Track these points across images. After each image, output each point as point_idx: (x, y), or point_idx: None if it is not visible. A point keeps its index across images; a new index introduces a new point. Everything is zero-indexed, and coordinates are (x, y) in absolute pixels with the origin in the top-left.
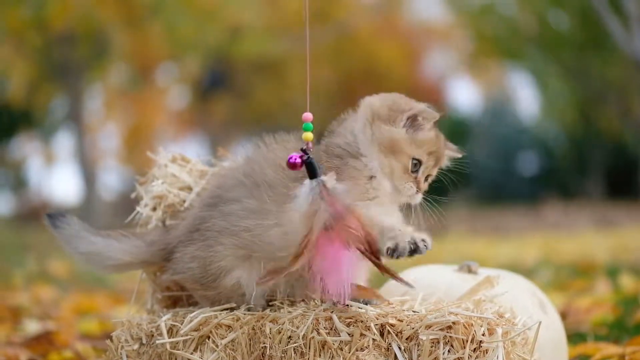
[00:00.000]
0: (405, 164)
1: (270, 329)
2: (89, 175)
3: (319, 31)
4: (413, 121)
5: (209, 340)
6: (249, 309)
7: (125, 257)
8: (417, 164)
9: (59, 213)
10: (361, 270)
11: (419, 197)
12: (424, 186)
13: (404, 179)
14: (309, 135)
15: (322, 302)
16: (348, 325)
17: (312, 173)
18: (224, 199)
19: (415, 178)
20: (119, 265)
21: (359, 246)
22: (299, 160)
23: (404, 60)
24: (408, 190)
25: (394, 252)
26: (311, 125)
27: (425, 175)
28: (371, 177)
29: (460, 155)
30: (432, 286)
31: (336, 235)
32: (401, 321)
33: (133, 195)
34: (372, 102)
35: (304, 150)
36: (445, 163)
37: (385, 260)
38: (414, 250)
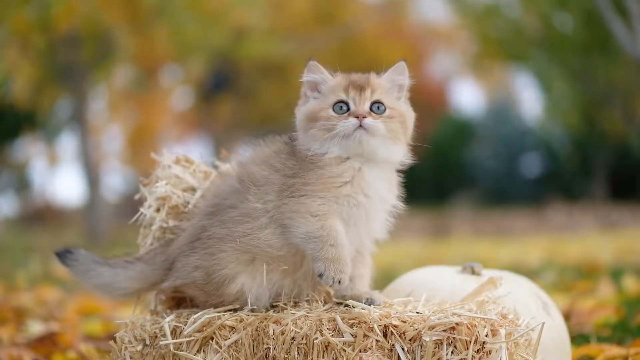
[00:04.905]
0: (326, 115)
1: (273, 330)
2: (92, 176)
3: (325, 34)
4: (313, 87)
5: (212, 341)
6: (252, 310)
7: (133, 285)
8: (342, 104)
9: (66, 250)
10: (365, 269)
11: (369, 122)
12: (362, 111)
13: (335, 122)
14: None
15: (325, 302)
16: (351, 326)
17: None
18: (222, 207)
19: (349, 114)
20: (129, 293)
21: None
22: None
23: (408, 62)
24: (346, 126)
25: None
26: None
27: (366, 102)
28: (342, 160)
29: (402, 65)
30: (436, 287)
31: None
32: (404, 322)
33: (137, 197)
34: (297, 110)
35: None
36: (396, 81)
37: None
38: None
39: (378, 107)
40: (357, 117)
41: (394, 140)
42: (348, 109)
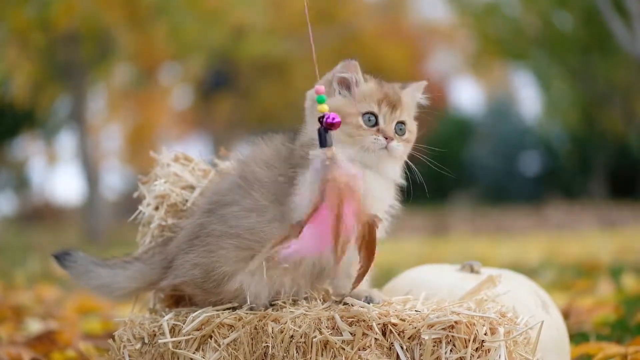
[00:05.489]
0: (355, 122)
1: (272, 328)
2: (91, 175)
3: (324, 32)
4: (344, 84)
5: (211, 339)
6: (251, 309)
7: (132, 284)
8: (371, 116)
9: (64, 252)
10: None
11: (394, 145)
12: (391, 132)
13: (363, 135)
14: (324, 107)
15: (324, 300)
16: (350, 324)
17: (323, 142)
18: (222, 203)
19: (378, 130)
20: (128, 293)
21: (360, 223)
22: (337, 120)
23: (408, 61)
24: (374, 143)
25: None
26: (324, 97)
27: (394, 122)
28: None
29: (424, 84)
30: (435, 286)
31: (342, 207)
32: (403, 320)
33: (135, 195)
34: (309, 92)
35: (320, 120)
36: (415, 99)
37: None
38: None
39: (400, 128)
40: (386, 138)
41: (401, 161)
42: (376, 123)
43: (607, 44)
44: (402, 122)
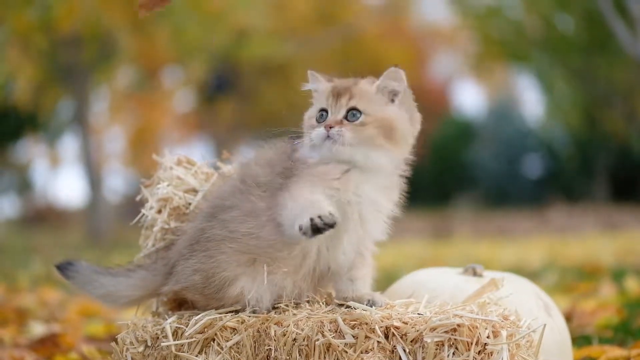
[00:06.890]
0: (310, 123)
1: (275, 331)
2: (94, 177)
3: (326, 34)
4: (314, 94)
5: (214, 342)
6: (254, 312)
7: (135, 292)
8: (323, 112)
9: (67, 262)
10: (367, 270)
11: (334, 131)
12: (332, 121)
13: (312, 130)
14: None
15: (326, 303)
16: (353, 327)
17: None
18: (223, 208)
19: (322, 123)
20: (132, 301)
21: None
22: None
23: (410, 63)
24: (313, 136)
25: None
26: None
27: (341, 110)
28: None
29: (391, 70)
30: (437, 289)
31: None
32: (406, 324)
33: (138, 198)
34: (306, 114)
35: None
36: (385, 86)
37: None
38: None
39: (353, 115)
40: (326, 127)
41: (371, 146)
42: (324, 117)
43: (609, 46)
44: (354, 108)
